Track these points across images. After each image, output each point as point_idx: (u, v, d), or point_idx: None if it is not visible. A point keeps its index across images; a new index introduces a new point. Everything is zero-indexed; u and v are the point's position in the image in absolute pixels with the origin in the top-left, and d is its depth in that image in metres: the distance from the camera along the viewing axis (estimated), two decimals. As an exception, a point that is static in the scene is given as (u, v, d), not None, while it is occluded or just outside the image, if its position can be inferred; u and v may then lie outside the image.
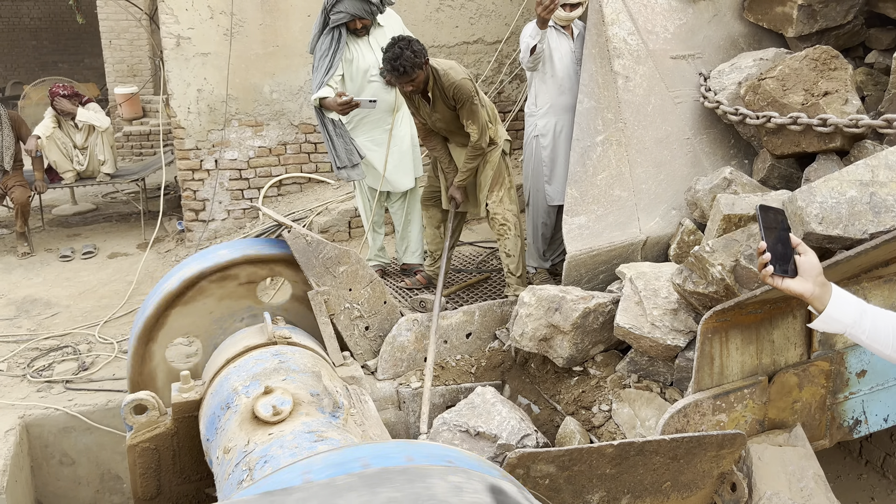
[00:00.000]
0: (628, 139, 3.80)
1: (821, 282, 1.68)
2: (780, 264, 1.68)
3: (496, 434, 2.84)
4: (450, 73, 3.71)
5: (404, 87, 3.71)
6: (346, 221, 5.78)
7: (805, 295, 1.68)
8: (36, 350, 4.73)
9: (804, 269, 1.68)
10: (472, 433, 2.88)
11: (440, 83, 3.74)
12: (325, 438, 2.30)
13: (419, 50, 3.60)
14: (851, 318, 1.67)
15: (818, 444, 2.71)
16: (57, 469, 4.21)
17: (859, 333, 1.68)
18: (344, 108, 3.96)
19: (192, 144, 5.93)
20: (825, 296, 1.68)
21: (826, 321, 1.69)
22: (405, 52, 3.54)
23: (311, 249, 3.20)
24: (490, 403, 3.00)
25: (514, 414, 2.95)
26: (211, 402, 2.74)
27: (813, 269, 1.68)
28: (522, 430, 2.87)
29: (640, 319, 2.88)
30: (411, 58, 3.55)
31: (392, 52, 3.57)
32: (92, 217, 7.62)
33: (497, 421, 2.89)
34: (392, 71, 3.60)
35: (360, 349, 3.45)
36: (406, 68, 3.56)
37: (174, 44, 5.73)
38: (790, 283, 1.68)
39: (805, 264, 1.69)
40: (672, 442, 2.22)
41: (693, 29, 4.16)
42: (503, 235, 4.00)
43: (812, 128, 3.27)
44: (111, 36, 10.45)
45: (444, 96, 3.77)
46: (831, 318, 1.68)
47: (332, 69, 4.09)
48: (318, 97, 4.05)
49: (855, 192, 2.79)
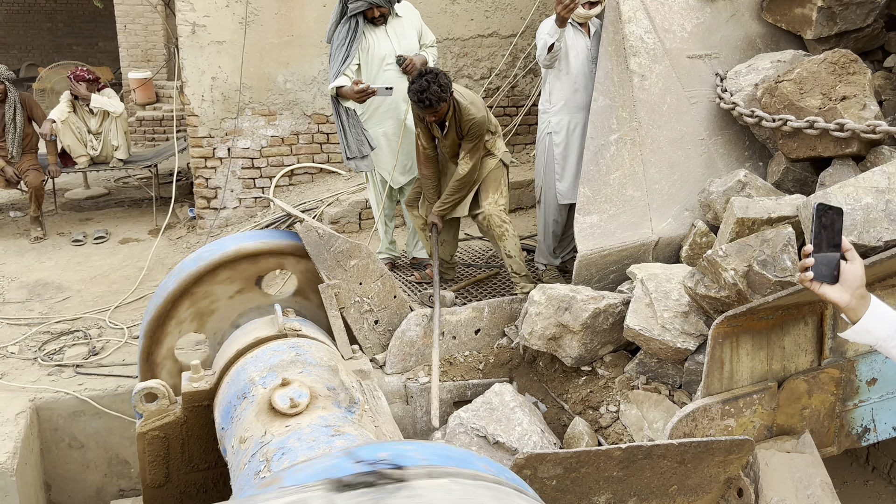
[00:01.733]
0: (643, 138, 3.78)
1: (860, 293, 1.63)
2: (822, 268, 1.62)
3: (517, 448, 2.81)
4: (470, 109, 3.83)
5: (427, 117, 3.82)
6: (356, 213, 5.78)
7: (840, 304, 1.64)
8: (47, 334, 4.77)
9: (846, 278, 1.63)
10: (491, 441, 2.86)
11: (458, 115, 3.85)
12: (342, 433, 2.30)
13: (445, 84, 3.71)
14: (886, 332, 1.64)
15: (826, 451, 2.70)
16: (66, 452, 4.25)
17: (890, 348, 1.64)
18: (361, 96, 3.98)
19: (205, 132, 5.94)
20: (861, 308, 1.63)
21: (858, 332, 1.66)
22: (432, 87, 3.65)
23: (322, 242, 3.20)
24: (510, 408, 2.97)
25: (535, 426, 2.91)
26: (227, 391, 2.75)
27: (855, 280, 1.63)
28: (544, 446, 2.84)
29: (650, 321, 2.88)
30: (437, 92, 3.67)
31: (419, 85, 3.68)
32: (104, 202, 7.66)
33: (518, 433, 2.86)
34: (418, 102, 3.72)
35: (370, 343, 3.46)
36: (432, 102, 3.68)
37: (189, 31, 5.73)
38: (827, 289, 1.63)
39: (848, 273, 1.63)
40: (680, 446, 2.22)
41: (710, 28, 4.13)
42: (503, 237, 3.99)
43: (829, 132, 3.25)
44: (126, 20, 10.46)
45: (459, 128, 3.90)
46: (865, 329, 1.64)
47: (349, 58, 4.10)
48: (335, 86, 4.06)
49: (870, 199, 2.77)
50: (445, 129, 3.95)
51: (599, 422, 2.97)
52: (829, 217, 1.63)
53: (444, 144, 4.05)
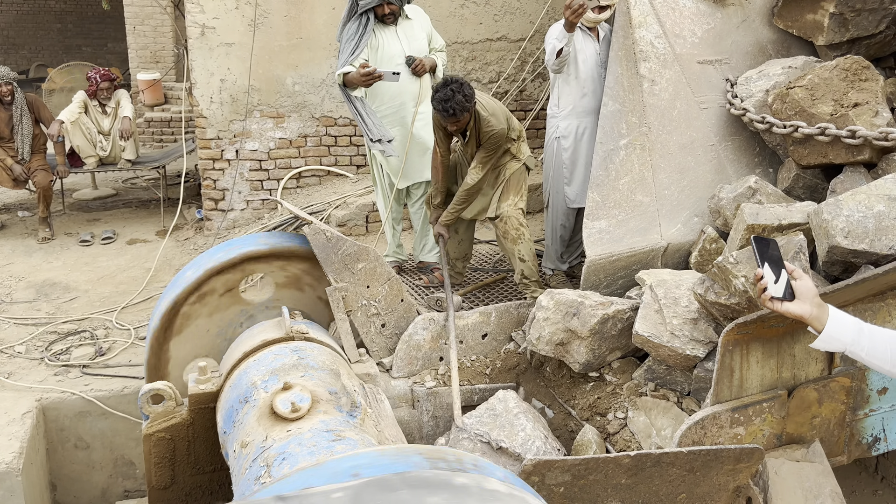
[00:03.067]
0: (652, 144, 3.77)
1: (818, 303, 1.79)
2: (777, 289, 1.80)
3: (520, 453, 2.80)
4: (491, 121, 3.83)
5: (449, 126, 3.82)
6: (363, 216, 5.78)
7: (804, 316, 1.79)
8: (54, 334, 4.78)
9: (801, 293, 1.79)
10: (495, 447, 2.85)
11: (479, 126, 3.86)
12: (343, 438, 2.29)
13: (469, 94, 3.70)
14: (850, 337, 1.76)
15: (836, 460, 2.68)
16: (72, 453, 4.25)
17: (858, 351, 1.77)
18: (367, 80, 3.97)
19: (213, 134, 5.96)
20: (823, 316, 1.78)
21: (826, 340, 1.79)
22: (457, 96, 3.65)
23: (330, 245, 3.20)
24: (513, 414, 2.96)
25: (539, 432, 2.91)
26: (229, 395, 2.75)
27: (809, 292, 1.79)
28: (548, 451, 2.83)
29: (659, 328, 2.86)
30: (462, 101, 3.67)
31: (444, 94, 3.67)
32: (112, 202, 7.68)
33: (521, 438, 2.86)
34: (442, 112, 3.71)
35: (376, 346, 3.45)
36: (455, 111, 3.68)
37: (199, 33, 5.74)
38: (789, 306, 1.80)
39: (801, 288, 1.80)
40: (689, 454, 2.21)
41: (721, 34, 4.11)
42: (518, 241, 3.98)
43: (840, 139, 3.23)
44: (135, 22, 10.50)
45: (478, 138, 3.91)
46: (831, 337, 1.78)
47: (356, 51, 4.10)
48: (341, 72, 4.06)
49: (883, 207, 2.75)
50: (467, 137, 3.97)
51: (607, 428, 2.95)
52: (766, 246, 1.83)
53: (465, 152, 4.09)
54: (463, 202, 4.04)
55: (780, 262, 1.82)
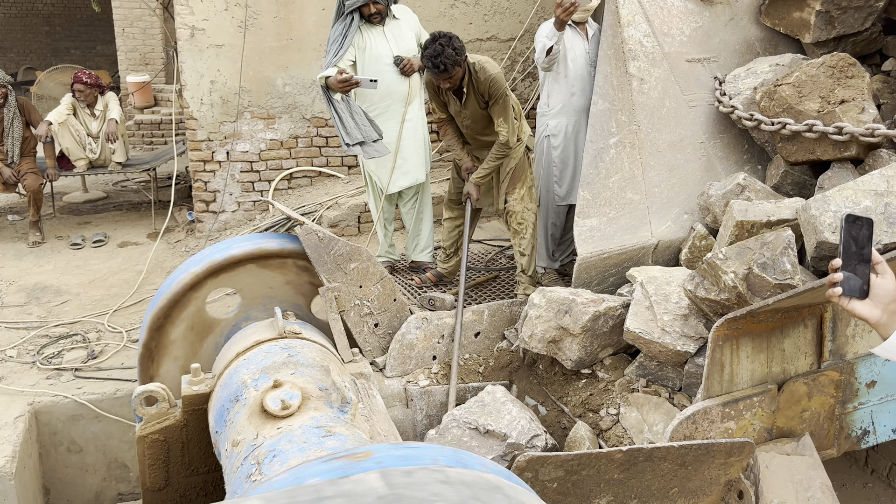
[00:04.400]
0: (642, 142, 3.79)
1: (893, 309, 1.54)
2: (851, 282, 1.55)
3: (506, 433, 2.84)
4: (486, 67, 3.74)
5: (442, 83, 3.73)
6: (355, 216, 5.78)
7: (870, 321, 1.56)
8: (46, 337, 4.76)
9: (876, 293, 1.54)
10: (482, 431, 2.89)
11: (475, 78, 3.75)
12: (334, 434, 2.31)
13: (459, 47, 3.62)
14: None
15: (826, 453, 2.71)
16: (65, 456, 4.24)
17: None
18: (344, 87, 3.94)
19: (204, 136, 5.95)
20: (893, 324, 1.55)
21: (889, 350, 1.58)
22: (446, 50, 3.56)
23: (322, 245, 3.21)
24: (500, 402, 3.01)
25: (525, 414, 2.96)
26: (220, 394, 2.75)
27: (887, 295, 1.54)
28: (532, 430, 2.88)
29: (650, 324, 2.88)
30: (452, 55, 3.58)
31: (433, 49, 3.59)
32: (102, 205, 7.65)
33: (507, 420, 2.90)
34: (433, 68, 3.62)
35: (370, 346, 3.46)
36: (447, 65, 3.59)
37: (188, 35, 5.74)
38: (857, 305, 1.55)
39: (879, 287, 1.54)
40: (681, 449, 2.23)
41: (709, 32, 4.14)
42: (520, 234, 3.99)
43: (827, 136, 3.26)
44: (124, 24, 10.46)
45: (478, 92, 3.79)
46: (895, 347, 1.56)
47: (341, 51, 4.10)
48: (323, 76, 4.07)
49: (869, 202, 2.79)
50: (464, 97, 3.84)
51: (599, 425, 2.97)
52: (858, 228, 1.55)
53: (464, 116, 3.93)
54: (496, 159, 3.89)
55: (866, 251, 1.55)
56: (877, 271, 1.55)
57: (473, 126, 3.98)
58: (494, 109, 3.80)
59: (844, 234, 1.55)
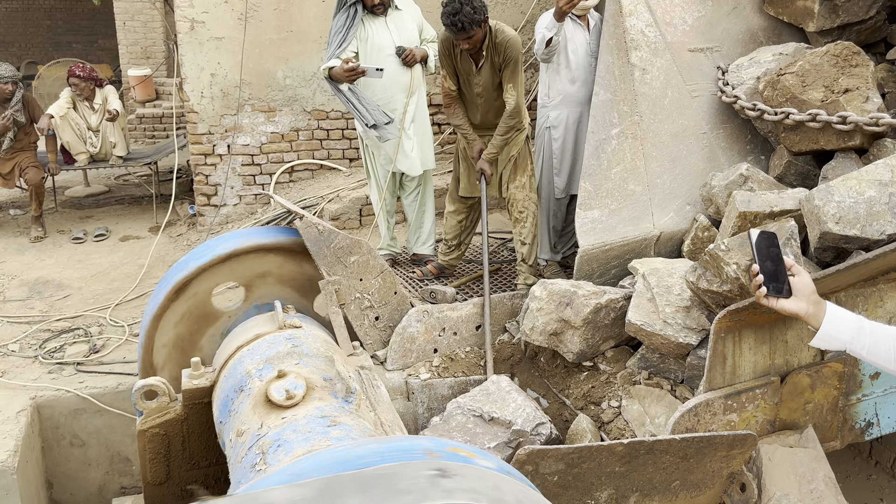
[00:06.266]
0: (644, 133, 3.76)
1: (815, 300, 1.75)
2: (773, 285, 1.76)
3: (511, 420, 2.83)
4: (504, 29, 3.68)
5: (461, 43, 3.63)
6: (357, 209, 5.77)
7: (800, 314, 1.75)
8: (48, 332, 4.76)
9: (798, 289, 1.75)
10: (486, 418, 2.87)
11: (493, 40, 3.66)
12: (338, 423, 2.30)
13: (479, 6, 3.51)
14: (848, 336, 1.72)
15: (829, 445, 2.69)
16: (67, 450, 4.24)
17: (859, 349, 1.72)
18: (350, 76, 3.91)
19: (204, 129, 5.93)
20: (819, 314, 1.74)
21: (823, 339, 1.74)
22: (465, 8, 3.45)
23: (322, 239, 3.19)
24: (505, 391, 3.00)
25: (529, 403, 2.95)
26: (224, 384, 2.75)
27: (806, 289, 1.75)
28: (537, 418, 2.86)
29: (651, 316, 2.86)
30: (470, 13, 3.46)
31: (451, 7, 3.49)
32: (104, 199, 7.65)
33: (512, 408, 2.89)
34: (450, 26, 3.51)
35: (370, 339, 3.45)
36: (464, 24, 3.48)
37: (188, 27, 5.71)
38: (784, 302, 1.76)
39: (798, 284, 1.75)
40: (682, 441, 2.21)
41: (712, 21, 4.11)
42: (520, 222, 3.96)
43: (831, 125, 3.23)
44: (125, 17, 10.44)
45: (495, 55, 3.69)
46: (827, 335, 1.73)
47: (344, 43, 4.07)
48: (326, 67, 4.04)
49: (874, 192, 2.76)
50: (480, 62, 3.74)
51: (601, 417, 2.96)
52: (765, 240, 1.78)
53: (478, 83, 3.83)
54: (506, 131, 3.82)
55: (778, 257, 1.79)
56: (792, 272, 1.78)
57: (484, 95, 3.87)
58: (505, 73, 3.70)
59: (755, 246, 1.80)
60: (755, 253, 1.79)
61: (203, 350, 3.22)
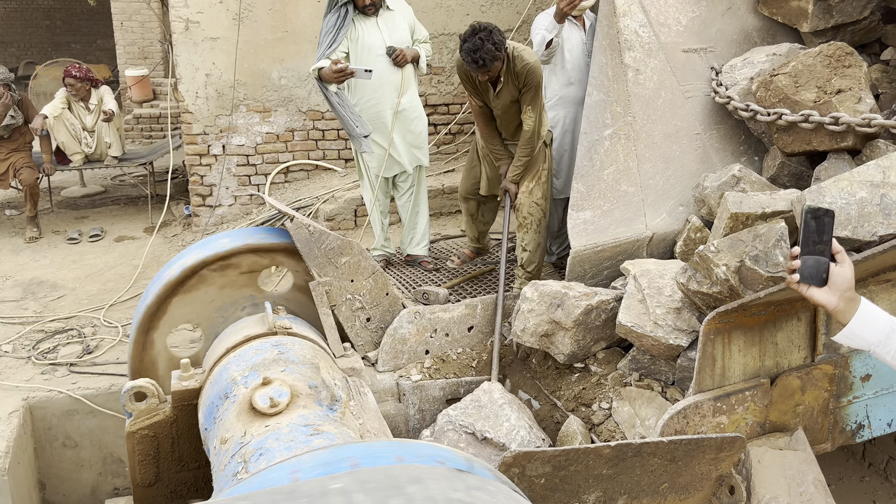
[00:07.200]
0: (637, 133, 3.75)
1: (849, 296, 1.61)
2: (810, 270, 1.61)
3: (504, 443, 2.80)
4: (523, 55, 3.64)
5: (480, 77, 3.64)
6: (352, 210, 5.76)
7: (828, 307, 1.63)
8: (41, 332, 4.75)
9: (834, 281, 1.61)
10: (479, 437, 2.84)
11: (512, 66, 3.65)
12: (321, 432, 2.29)
13: (499, 41, 3.50)
14: (877, 338, 1.61)
15: (820, 447, 2.68)
16: (60, 451, 4.23)
17: (884, 354, 1.62)
18: (339, 76, 3.91)
19: (199, 129, 5.92)
20: (849, 311, 1.61)
21: (848, 336, 1.64)
22: (486, 45, 3.45)
23: (313, 240, 3.18)
24: (498, 405, 2.96)
25: (523, 421, 2.91)
26: (210, 391, 2.74)
27: (844, 283, 1.61)
28: (532, 441, 2.82)
29: (642, 318, 2.85)
30: (492, 50, 3.47)
31: (472, 43, 3.48)
32: (100, 200, 7.64)
33: (506, 428, 2.85)
34: (472, 63, 3.52)
35: (361, 340, 3.44)
36: (486, 61, 3.49)
37: (183, 27, 5.70)
38: (815, 292, 1.62)
39: (836, 275, 1.61)
40: (670, 444, 2.20)
41: (706, 22, 4.10)
42: (523, 228, 3.93)
43: (824, 126, 3.22)
44: (123, 18, 10.43)
45: (514, 80, 3.68)
46: (854, 333, 1.62)
47: (334, 44, 4.08)
48: (316, 68, 4.04)
49: (865, 193, 2.75)
50: (498, 87, 3.74)
51: (592, 419, 2.95)
52: (819, 219, 1.61)
53: (497, 105, 3.83)
54: (526, 153, 3.81)
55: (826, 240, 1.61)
56: (836, 260, 1.61)
57: (503, 116, 3.87)
58: (526, 97, 3.70)
59: (805, 224, 1.61)
60: (801, 231, 1.62)
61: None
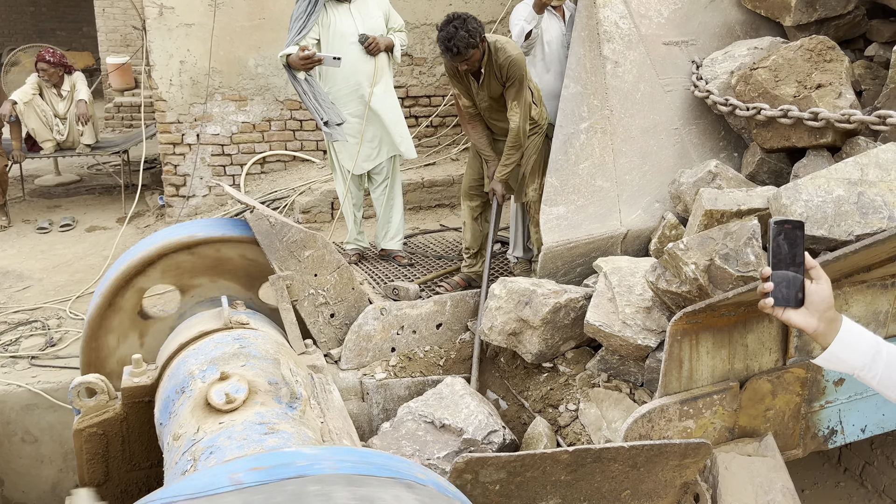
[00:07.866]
0: (614, 127, 3.65)
1: (829, 317, 1.43)
2: (784, 291, 1.41)
3: (462, 428, 2.73)
4: (506, 48, 3.57)
5: (459, 66, 3.57)
6: (328, 202, 5.64)
7: (807, 330, 1.45)
8: (3, 324, 4.62)
9: (812, 300, 1.41)
10: (438, 425, 2.77)
11: (494, 58, 3.58)
12: (277, 431, 2.20)
13: (474, 29, 3.45)
14: (860, 361, 1.45)
15: (791, 453, 2.59)
16: (19, 447, 4.11)
17: (869, 378, 1.45)
18: (306, 63, 3.81)
19: (173, 118, 5.78)
20: (830, 333, 1.44)
21: (830, 360, 1.47)
22: (459, 32, 3.41)
23: (274, 232, 3.07)
24: (458, 395, 2.90)
25: (483, 408, 2.84)
26: (167, 384, 2.64)
27: (822, 302, 1.42)
28: (490, 425, 2.77)
29: (611, 317, 2.76)
30: (465, 38, 3.41)
31: (446, 32, 3.44)
32: (74, 189, 7.48)
33: (464, 414, 2.79)
34: (446, 51, 3.48)
35: (325, 337, 3.33)
36: (460, 48, 3.43)
37: (157, 13, 5.56)
38: (792, 315, 1.42)
39: (814, 295, 1.41)
40: (631, 449, 2.11)
41: (688, 14, 4.00)
42: (535, 232, 3.85)
43: (803, 121, 3.13)
44: (104, 4, 10.26)
45: (497, 73, 3.62)
46: (836, 357, 1.46)
47: (304, 30, 3.97)
48: (284, 54, 3.93)
49: (842, 191, 2.66)
50: (481, 78, 3.66)
51: (558, 421, 2.85)
52: (789, 233, 1.42)
53: (482, 98, 3.75)
54: (513, 151, 3.72)
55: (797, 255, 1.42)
56: (811, 277, 1.42)
57: (490, 107, 3.79)
58: (509, 92, 3.63)
59: (773, 238, 1.41)
60: (770, 248, 1.43)
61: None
